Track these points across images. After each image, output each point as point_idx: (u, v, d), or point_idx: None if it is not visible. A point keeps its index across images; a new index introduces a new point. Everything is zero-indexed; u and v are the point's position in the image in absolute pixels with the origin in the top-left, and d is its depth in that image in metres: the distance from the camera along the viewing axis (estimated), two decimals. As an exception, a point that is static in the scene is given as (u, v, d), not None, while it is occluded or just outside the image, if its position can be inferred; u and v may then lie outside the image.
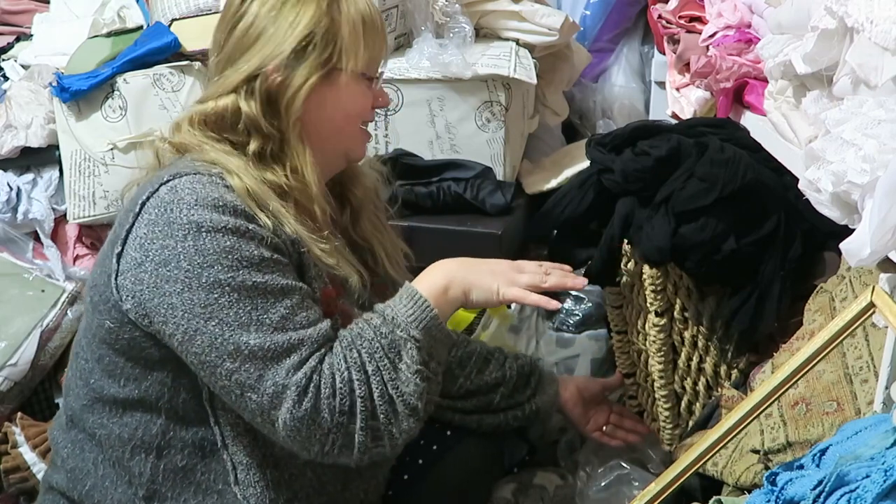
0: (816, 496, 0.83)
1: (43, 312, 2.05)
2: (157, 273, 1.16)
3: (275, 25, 1.26)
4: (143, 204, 1.19)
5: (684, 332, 1.55)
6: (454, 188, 1.88)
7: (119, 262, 1.19)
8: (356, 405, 1.17)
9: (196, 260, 1.15)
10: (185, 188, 1.18)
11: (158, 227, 1.17)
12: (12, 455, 1.93)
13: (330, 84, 1.29)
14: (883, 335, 1.13)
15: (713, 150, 1.44)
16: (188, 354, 1.17)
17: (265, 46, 1.26)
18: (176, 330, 1.16)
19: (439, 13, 1.92)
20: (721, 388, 1.58)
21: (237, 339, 1.14)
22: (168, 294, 1.15)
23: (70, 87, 1.99)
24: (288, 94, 1.26)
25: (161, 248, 1.16)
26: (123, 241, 1.19)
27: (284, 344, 1.16)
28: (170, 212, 1.17)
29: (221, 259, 1.15)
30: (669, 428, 1.61)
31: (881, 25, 1.02)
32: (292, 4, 1.26)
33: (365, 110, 1.36)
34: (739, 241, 1.41)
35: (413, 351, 1.21)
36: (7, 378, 2.00)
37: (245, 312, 1.15)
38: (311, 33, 1.26)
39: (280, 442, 1.20)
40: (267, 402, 1.15)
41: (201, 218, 1.16)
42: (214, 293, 1.14)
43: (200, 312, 1.15)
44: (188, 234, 1.15)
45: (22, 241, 2.18)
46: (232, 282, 1.15)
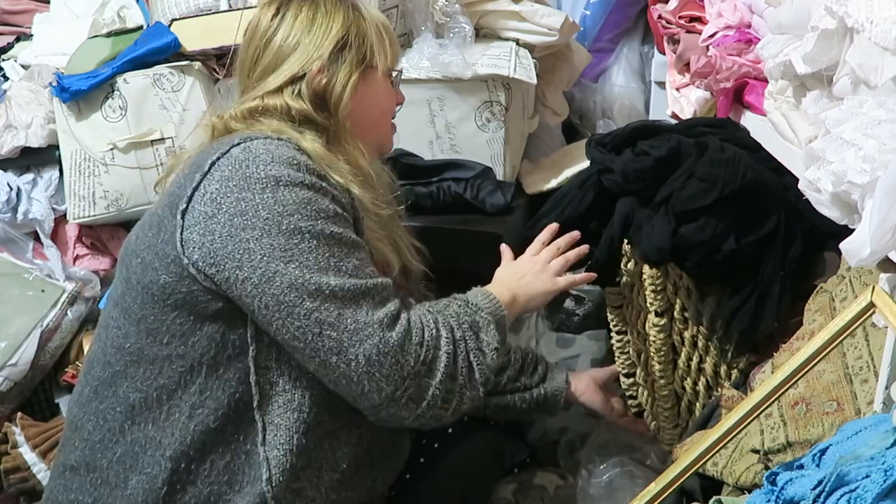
0: (816, 496, 0.83)
1: (43, 312, 2.06)
2: (232, 223, 1.20)
3: (310, 34, 1.38)
4: (213, 164, 1.24)
5: (684, 332, 1.55)
6: (454, 188, 1.88)
7: (184, 218, 1.23)
8: (439, 360, 1.24)
9: (276, 209, 1.20)
10: (259, 148, 1.24)
11: (233, 181, 1.21)
12: (12, 455, 1.93)
13: (367, 81, 1.40)
14: (883, 335, 1.13)
15: (713, 150, 1.44)
16: (263, 297, 1.20)
17: (305, 51, 1.37)
18: (252, 273, 1.19)
19: (439, 13, 1.92)
20: (721, 388, 1.58)
21: (318, 279, 1.20)
22: (245, 240, 1.20)
23: (70, 87, 2.00)
24: (336, 91, 1.37)
25: (237, 201, 1.20)
26: (189, 199, 1.23)
27: (362, 287, 1.22)
28: (245, 167, 1.22)
29: (300, 209, 1.21)
30: (669, 428, 1.61)
31: (881, 25, 1.02)
32: (322, 15, 1.39)
33: (393, 105, 1.49)
34: (739, 241, 1.41)
35: (494, 331, 1.32)
36: (7, 378, 2.00)
37: (324, 258, 1.21)
38: (344, 35, 1.38)
39: (347, 387, 1.22)
40: (347, 339, 1.20)
41: (278, 173, 1.22)
42: (295, 238, 1.20)
43: (280, 255, 1.19)
44: (266, 187, 1.21)
45: (22, 241, 2.19)
46: (312, 229, 1.21)
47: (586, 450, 1.77)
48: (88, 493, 1.29)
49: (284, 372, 1.26)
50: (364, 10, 1.43)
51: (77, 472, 1.31)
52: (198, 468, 1.25)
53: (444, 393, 1.24)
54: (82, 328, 2.15)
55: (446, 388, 1.24)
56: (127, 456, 1.27)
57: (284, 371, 1.26)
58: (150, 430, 1.27)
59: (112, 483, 1.28)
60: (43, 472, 1.93)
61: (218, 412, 1.26)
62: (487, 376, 1.30)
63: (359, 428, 1.33)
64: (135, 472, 1.27)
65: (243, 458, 1.27)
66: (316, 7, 1.40)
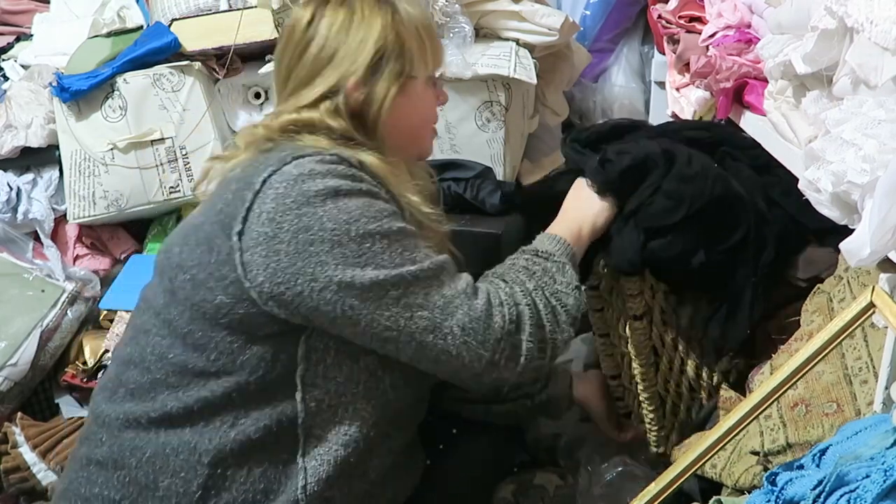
0: (816, 496, 0.83)
1: (43, 312, 2.06)
2: (297, 239, 1.18)
3: (346, 45, 1.32)
4: (265, 181, 1.21)
5: (664, 336, 1.54)
6: (454, 188, 1.88)
7: (242, 240, 1.20)
8: (523, 315, 1.25)
9: (341, 218, 1.19)
10: (312, 163, 1.22)
11: (290, 198, 1.19)
12: (12, 455, 1.93)
13: (406, 93, 1.34)
14: (882, 336, 1.13)
15: (681, 163, 1.40)
16: (344, 302, 1.19)
17: (340, 65, 1.31)
18: (329, 282, 1.19)
19: (439, 13, 1.92)
20: (704, 389, 1.58)
21: (397, 272, 1.20)
22: (315, 254, 1.19)
23: (70, 87, 2.00)
24: (373, 108, 1.32)
25: (297, 217, 1.19)
26: (244, 219, 1.20)
27: (439, 265, 1.24)
28: (302, 183, 1.20)
29: (365, 213, 1.20)
30: (655, 430, 1.60)
31: (881, 25, 1.02)
32: (358, 22, 1.32)
33: (435, 112, 1.44)
34: (709, 253, 1.40)
35: (570, 270, 1.33)
36: (7, 378, 2.00)
37: (398, 254, 1.21)
38: (381, 47, 1.32)
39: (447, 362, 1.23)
40: (439, 314, 1.21)
41: (336, 184, 1.21)
42: (366, 243, 1.20)
43: (355, 262, 1.19)
44: (327, 199, 1.19)
45: (22, 241, 2.19)
46: (380, 229, 1.21)
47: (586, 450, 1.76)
48: (116, 489, 1.27)
49: (331, 389, 1.25)
50: (404, 13, 1.35)
51: (104, 468, 1.29)
52: (234, 475, 1.24)
53: (537, 343, 1.25)
54: (82, 328, 2.15)
55: (538, 339, 1.26)
56: (158, 457, 1.25)
57: (331, 388, 1.25)
58: (185, 434, 1.25)
59: (142, 483, 1.26)
60: (43, 472, 1.93)
61: (260, 423, 1.24)
62: (574, 315, 1.31)
63: (390, 439, 1.33)
64: (166, 474, 1.25)
65: (281, 467, 1.26)
66: (352, 12, 1.33)
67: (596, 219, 1.40)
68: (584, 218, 1.40)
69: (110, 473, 1.28)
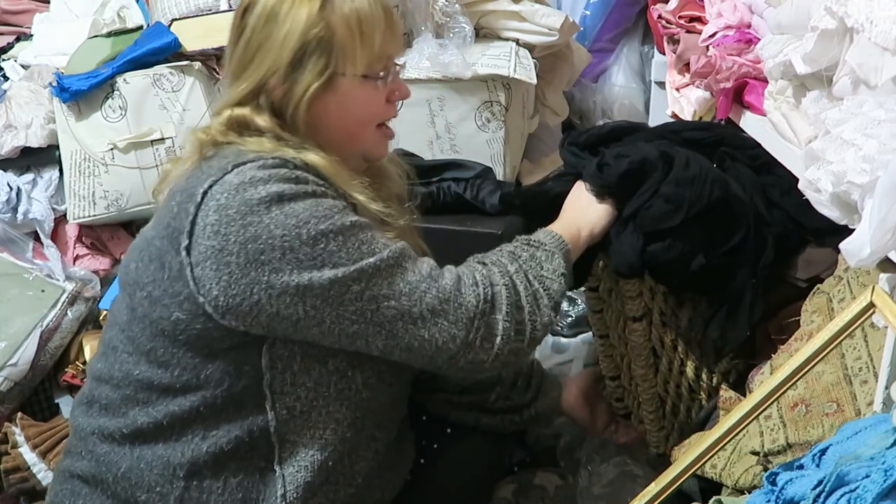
0: (816, 496, 0.83)
1: (43, 312, 2.06)
2: (247, 250, 1.15)
3: (270, 39, 1.25)
4: (206, 192, 1.17)
5: (664, 337, 1.54)
6: (454, 188, 1.88)
7: (191, 255, 1.17)
8: (499, 294, 1.23)
9: (289, 223, 1.15)
10: (253, 170, 1.18)
11: (233, 209, 1.15)
12: (12, 455, 1.93)
13: (333, 90, 1.27)
14: (882, 336, 1.13)
15: (679, 166, 1.40)
16: (304, 303, 1.17)
17: (264, 60, 1.25)
18: (286, 288, 1.16)
19: (439, 13, 1.92)
20: (704, 390, 1.58)
21: (356, 267, 1.17)
22: (267, 262, 1.15)
23: (70, 87, 2.00)
24: (291, 105, 1.26)
25: (243, 227, 1.15)
26: (190, 234, 1.17)
27: (398, 252, 1.21)
28: (243, 192, 1.16)
29: (314, 213, 1.17)
30: (655, 430, 1.60)
31: (881, 25, 1.02)
32: (285, 13, 1.25)
33: (377, 112, 1.33)
34: (708, 256, 1.39)
35: (559, 259, 1.30)
36: (7, 378, 2.00)
37: (354, 248, 1.18)
38: (305, 43, 1.24)
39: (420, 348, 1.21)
40: (406, 301, 1.19)
41: (279, 189, 1.16)
42: (320, 244, 1.16)
43: (311, 264, 1.16)
44: (271, 205, 1.16)
45: (22, 241, 2.19)
46: (332, 227, 1.17)
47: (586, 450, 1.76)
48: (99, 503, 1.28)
49: (301, 395, 1.24)
50: (338, 2, 1.25)
51: (86, 482, 1.29)
52: (210, 486, 1.24)
53: (514, 324, 1.23)
54: (82, 328, 2.15)
55: (515, 320, 1.23)
56: (133, 472, 1.26)
57: (301, 394, 1.24)
58: (159, 449, 1.25)
59: (121, 497, 1.26)
60: (43, 472, 1.93)
61: (232, 434, 1.24)
62: (557, 301, 1.29)
63: (375, 442, 1.32)
64: (143, 489, 1.25)
65: (258, 476, 1.25)
66: (279, 7, 1.26)
67: (595, 224, 1.38)
68: (584, 221, 1.38)
69: (92, 488, 1.29)
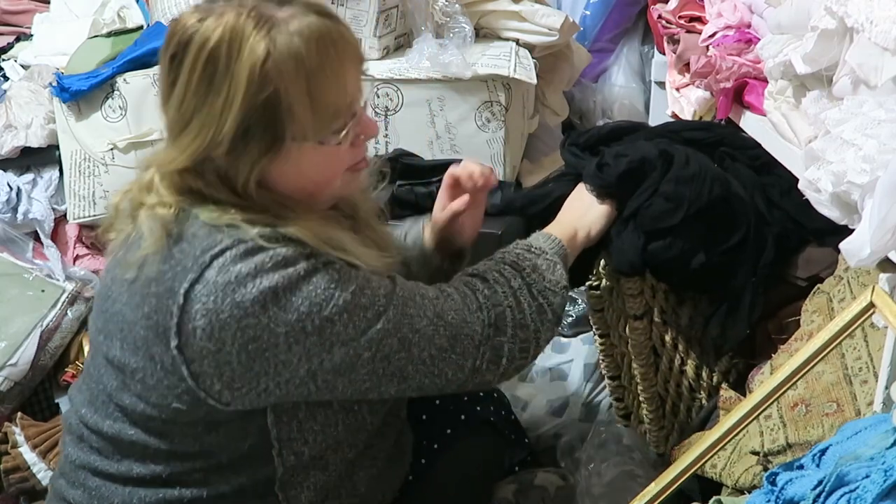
0: (816, 496, 0.83)
1: (43, 312, 2.06)
2: (248, 350, 1.08)
3: (207, 105, 1.07)
4: (188, 293, 1.07)
5: (664, 335, 1.54)
6: (454, 188, 1.88)
7: (184, 353, 1.09)
8: (504, 316, 1.21)
9: (291, 318, 1.07)
10: (237, 264, 1.07)
11: (224, 313, 1.06)
12: (12, 455, 1.93)
13: (285, 158, 1.11)
14: (882, 336, 1.13)
15: (678, 164, 1.39)
16: (314, 382, 1.12)
17: (202, 130, 1.08)
18: (295, 374, 1.10)
19: (439, 13, 1.92)
20: (704, 389, 1.58)
21: (367, 338, 1.12)
22: (272, 357, 1.09)
23: (70, 87, 2.00)
24: (240, 178, 1.11)
25: (240, 331, 1.06)
26: (178, 333, 1.08)
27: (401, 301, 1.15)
28: (232, 293, 1.06)
29: (314, 301, 1.08)
30: (655, 430, 1.60)
31: (881, 25, 1.02)
32: (222, 73, 1.06)
33: (341, 168, 1.18)
34: (709, 254, 1.40)
35: (560, 269, 1.28)
36: (7, 378, 2.00)
37: (361, 319, 1.11)
38: (248, 113, 1.07)
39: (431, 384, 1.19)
40: (416, 349, 1.15)
41: (272, 284, 1.06)
42: (327, 329, 1.09)
43: (320, 349, 1.10)
44: (266, 304, 1.06)
45: (22, 241, 2.19)
46: (336, 309, 1.09)
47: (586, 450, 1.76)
48: None
49: (309, 440, 1.21)
50: (286, 52, 1.06)
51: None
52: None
53: (519, 344, 1.22)
54: (82, 328, 2.15)
55: (521, 339, 1.22)
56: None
57: (309, 439, 1.21)
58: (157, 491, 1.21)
59: None
60: (43, 472, 1.93)
61: (236, 483, 1.21)
62: (559, 315, 1.27)
63: (372, 449, 1.32)
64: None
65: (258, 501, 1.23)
66: (215, 64, 1.06)
67: (592, 225, 1.38)
68: (581, 222, 1.38)
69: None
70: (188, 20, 1.09)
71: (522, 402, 1.93)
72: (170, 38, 1.11)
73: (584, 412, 1.93)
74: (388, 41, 1.99)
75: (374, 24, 1.92)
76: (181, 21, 1.10)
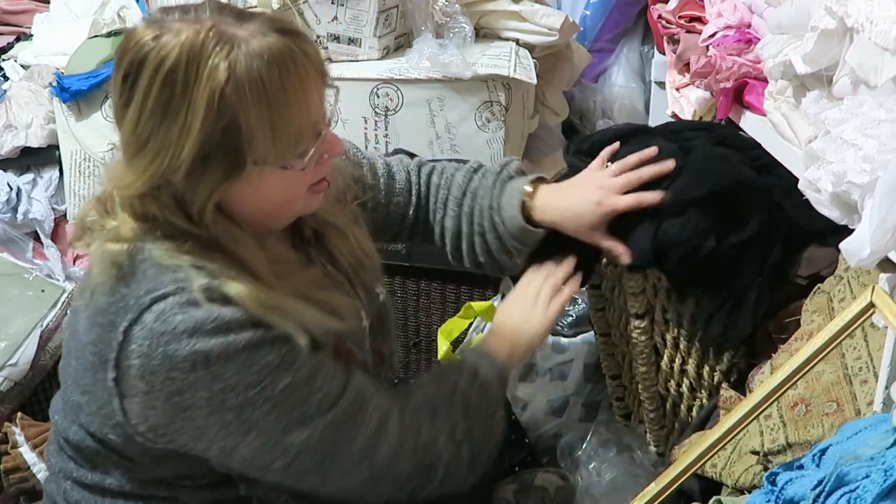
0: (816, 496, 0.83)
1: (43, 312, 2.06)
2: (172, 401, 1.05)
3: (163, 129, 1.02)
4: (126, 332, 1.05)
5: (666, 334, 1.54)
6: (454, 188, 1.88)
7: (118, 387, 1.07)
8: (437, 466, 1.17)
9: (215, 387, 1.04)
10: (176, 315, 1.04)
11: (156, 360, 1.04)
12: (12, 455, 1.93)
13: (246, 180, 1.07)
14: (882, 336, 1.13)
15: (703, 149, 1.41)
16: (231, 461, 1.11)
17: (159, 154, 1.03)
18: (212, 445, 1.09)
19: (439, 13, 1.92)
20: (705, 389, 1.59)
21: (284, 439, 1.08)
22: (193, 419, 1.06)
23: (70, 87, 2.00)
24: (197, 204, 1.07)
25: (168, 380, 1.04)
26: (116, 366, 1.06)
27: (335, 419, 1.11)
28: (166, 345, 1.03)
29: (242, 378, 1.05)
30: (655, 430, 1.61)
31: (881, 25, 1.02)
32: (179, 98, 1.01)
33: (304, 188, 1.14)
34: (721, 242, 1.38)
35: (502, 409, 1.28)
36: (7, 378, 2.00)
37: (284, 415, 1.08)
38: (206, 139, 1.02)
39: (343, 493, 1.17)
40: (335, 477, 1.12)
41: (205, 347, 1.03)
42: (246, 412, 1.06)
43: (237, 429, 1.07)
44: (196, 365, 1.03)
45: (22, 241, 2.19)
46: (261, 394, 1.06)
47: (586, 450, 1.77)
48: None
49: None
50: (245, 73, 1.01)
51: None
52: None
53: (443, 488, 1.19)
54: (82, 328, 2.15)
55: (446, 486, 1.19)
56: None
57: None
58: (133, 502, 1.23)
59: None
60: (43, 472, 1.93)
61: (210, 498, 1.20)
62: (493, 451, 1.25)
63: None
64: None
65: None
66: (172, 87, 1.01)
67: (533, 338, 1.34)
68: (521, 338, 1.33)
69: None
70: (142, 36, 1.03)
71: (522, 402, 1.93)
72: (122, 55, 1.05)
73: (584, 412, 1.93)
74: (388, 41, 1.99)
75: (374, 24, 1.92)
76: (135, 37, 1.04)
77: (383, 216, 1.46)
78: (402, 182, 1.47)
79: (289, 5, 1.90)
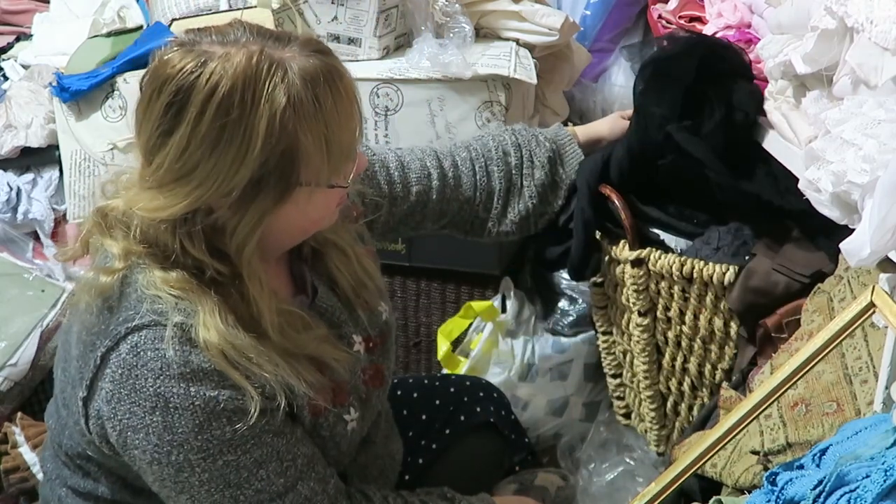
0: (816, 496, 0.83)
1: (43, 312, 2.06)
2: (126, 435, 1.08)
3: (214, 154, 1.00)
4: (103, 357, 1.07)
5: (668, 332, 1.54)
6: (454, 188, 1.88)
7: (87, 407, 1.10)
8: None
9: (165, 437, 1.05)
10: (148, 351, 1.04)
11: (125, 390, 1.06)
12: (12, 455, 1.93)
13: (292, 202, 1.07)
14: (882, 336, 1.13)
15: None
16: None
17: (206, 180, 1.01)
18: (152, 484, 1.12)
19: (439, 13, 1.92)
20: (706, 387, 1.59)
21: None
22: (136, 458, 1.09)
23: (70, 87, 2.00)
24: (238, 236, 1.06)
25: (128, 413, 1.06)
26: (89, 388, 1.09)
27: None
28: (135, 378, 1.05)
29: (190, 439, 1.05)
30: (656, 429, 1.61)
31: (881, 25, 1.02)
32: (233, 129, 0.99)
33: (336, 205, 1.15)
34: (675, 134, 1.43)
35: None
36: (7, 378, 2.00)
37: (217, 491, 1.08)
38: (264, 162, 1.01)
39: None
40: None
41: (168, 392, 1.04)
42: (184, 472, 1.07)
43: (172, 485, 1.09)
44: (156, 408, 1.04)
45: (22, 241, 2.19)
46: (202, 463, 1.07)
47: (586, 450, 1.77)
48: None
49: None
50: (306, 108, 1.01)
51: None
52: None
53: None
54: (82, 328, 2.15)
55: None
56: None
57: None
58: None
59: None
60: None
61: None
62: None
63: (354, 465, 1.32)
64: None
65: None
66: (227, 113, 0.98)
67: None
68: None
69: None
70: (182, 63, 1.00)
71: (522, 402, 1.94)
72: (162, 83, 1.01)
73: (584, 412, 1.93)
74: (388, 41, 1.99)
75: (374, 24, 1.92)
76: (171, 64, 1.01)
77: (404, 210, 1.48)
78: (417, 171, 1.49)
79: (289, 5, 1.90)
